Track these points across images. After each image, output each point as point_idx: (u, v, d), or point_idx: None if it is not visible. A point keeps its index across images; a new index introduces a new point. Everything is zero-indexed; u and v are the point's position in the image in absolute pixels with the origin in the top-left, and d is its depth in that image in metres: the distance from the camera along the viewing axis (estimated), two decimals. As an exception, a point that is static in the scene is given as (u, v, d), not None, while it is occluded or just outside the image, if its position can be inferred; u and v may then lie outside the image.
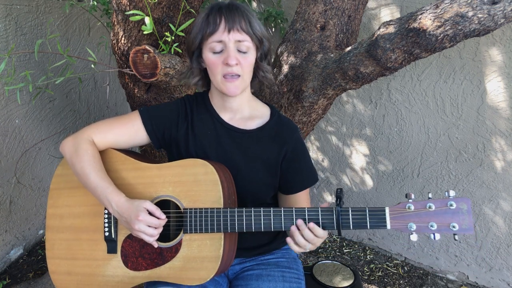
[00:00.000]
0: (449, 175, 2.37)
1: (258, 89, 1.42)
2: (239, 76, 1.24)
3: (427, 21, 1.32)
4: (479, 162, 2.25)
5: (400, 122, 2.43)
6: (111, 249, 1.32)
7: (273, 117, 1.39)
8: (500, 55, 2.04)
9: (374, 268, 2.62)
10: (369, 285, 2.47)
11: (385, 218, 1.11)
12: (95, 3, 1.99)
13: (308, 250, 1.19)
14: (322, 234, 1.16)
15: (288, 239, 1.19)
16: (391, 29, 1.43)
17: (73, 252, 1.37)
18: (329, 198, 2.88)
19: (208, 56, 1.24)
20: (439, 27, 1.30)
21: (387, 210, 1.12)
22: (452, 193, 1.09)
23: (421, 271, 2.59)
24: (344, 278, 2.00)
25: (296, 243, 1.17)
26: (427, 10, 1.33)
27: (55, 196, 1.42)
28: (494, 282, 2.40)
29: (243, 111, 1.37)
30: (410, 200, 1.11)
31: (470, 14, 1.24)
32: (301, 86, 1.76)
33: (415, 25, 1.34)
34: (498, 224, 2.29)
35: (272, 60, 1.38)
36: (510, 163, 2.17)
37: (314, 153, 2.81)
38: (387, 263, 2.66)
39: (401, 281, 2.50)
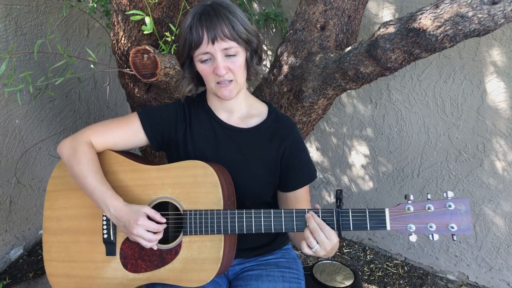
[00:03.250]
0: (449, 175, 2.37)
1: (255, 80, 1.39)
2: (231, 80, 1.23)
3: (427, 21, 1.32)
4: (479, 162, 2.25)
5: (400, 122, 2.43)
6: (110, 251, 1.31)
7: (270, 115, 1.38)
8: (500, 55, 2.04)
9: (374, 268, 2.62)
10: (369, 285, 2.47)
11: (385, 220, 1.12)
12: (94, 5, 1.99)
13: (318, 254, 1.13)
14: (329, 234, 1.11)
15: (302, 242, 1.15)
16: (391, 29, 1.43)
17: (71, 254, 1.36)
18: (329, 199, 2.88)
19: (199, 66, 1.24)
20: (439, 27, 1.30)
21: (387, 211, 1.12)
22: (450, 194, 1.09)
23: (421, 271, 2.59)
24: (344, 278, 2.00)
25: (306, 242, 1.13)
26: (427, 10, 1.33)
27: (52, 198, 1.41)
28: (494, 282, 2.40)
29: (241, 109, 1.37)
30: (409, 201, 1.12)
31: (470, 14, 1.24)
32: (301, 86, 1.76)
33: (415, 25, 1.34)
34: (498, 224, 2.29)
35: (266, 56, 1.33)
36: (510, 163, 2.17)
37: (314, 153, 2.81)
38: (387, 263, 2.66)
39: (401, 281, 2.50)
